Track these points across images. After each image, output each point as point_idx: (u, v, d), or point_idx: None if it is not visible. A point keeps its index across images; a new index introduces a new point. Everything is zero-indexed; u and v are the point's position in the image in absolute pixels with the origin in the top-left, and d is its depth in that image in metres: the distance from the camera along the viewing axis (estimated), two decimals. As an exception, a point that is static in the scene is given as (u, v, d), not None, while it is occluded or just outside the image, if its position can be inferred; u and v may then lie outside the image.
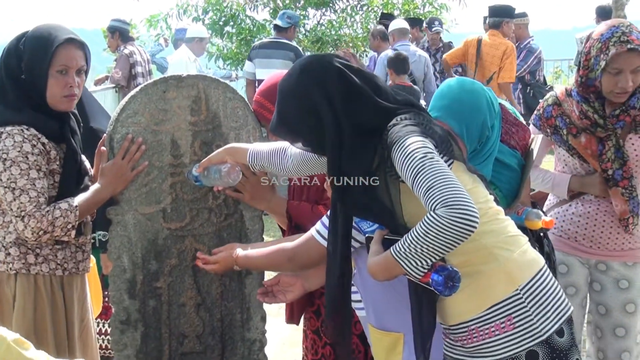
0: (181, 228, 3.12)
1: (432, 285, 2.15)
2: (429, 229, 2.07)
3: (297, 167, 2.78)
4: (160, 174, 3.09)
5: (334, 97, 2.37)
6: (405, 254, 2.14)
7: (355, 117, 2.36)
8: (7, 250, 2.95)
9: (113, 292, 3.12)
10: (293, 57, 8.77)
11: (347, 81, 2.39)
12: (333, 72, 2.40)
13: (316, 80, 2.40)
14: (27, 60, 2.92)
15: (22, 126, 2.88)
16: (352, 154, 2.34)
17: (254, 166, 2.88)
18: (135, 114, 3.05)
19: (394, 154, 2.23)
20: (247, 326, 3.20)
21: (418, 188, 2.13)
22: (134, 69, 9.05)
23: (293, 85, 2.44)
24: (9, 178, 2.83)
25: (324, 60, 2.45)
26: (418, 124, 2.30)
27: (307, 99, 2.39)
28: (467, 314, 2.32)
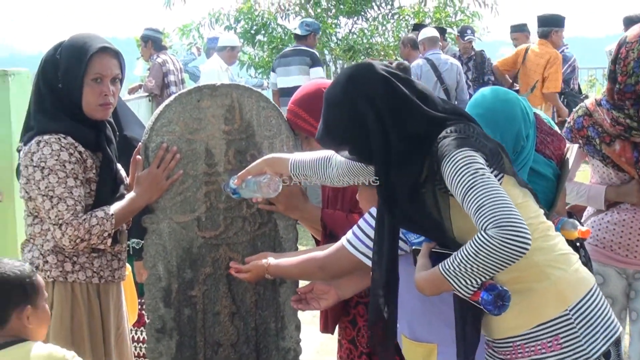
0: (215, 237, 3.13)
1: (482, 304, 2.14)
2: (480, 249, 2.04)
3: (341, 176, 2.74)
4: (194, 183, 3.11)
5: (380, 105, 2.33)
6: (455, 272, 2.11)
7: (403, 126, 2.32)
8: (45, 258, 2.97)
9: (148, 300, 3.13)
10: (309, 61, 8.86)
11: (393, 89, 2.35)
12: (379, 80, 2.36)
13: (362, 89, 2.36)
14: (63, 69, 2.95)
15: (60, 135, 2.91)
16: (400, 164, 2.30)
17: (297, 176, 2.85)
18: (170, 123, 3.07)
19: (444, 167, 2.19)
20: (282, 335, 3.20)
21: (468, 205, 2.10)
22: (167, 77, 9.13)
23: (339, 94, 2.40)
24: (47, 186, 2.86)
25: (369, 68, 2.41)
26: (468, 137, 2.25)
27: (353, 107, 2.36)
28: (514, 330, 2.30)
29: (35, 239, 3.00)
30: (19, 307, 2.53)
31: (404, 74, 3.73)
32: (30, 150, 2.89)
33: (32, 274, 2.59)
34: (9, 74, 4.94)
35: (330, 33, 13.71)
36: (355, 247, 2.61)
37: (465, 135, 2.26)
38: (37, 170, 2.87)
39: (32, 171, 2.88)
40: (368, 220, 2.61)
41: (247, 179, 2.91)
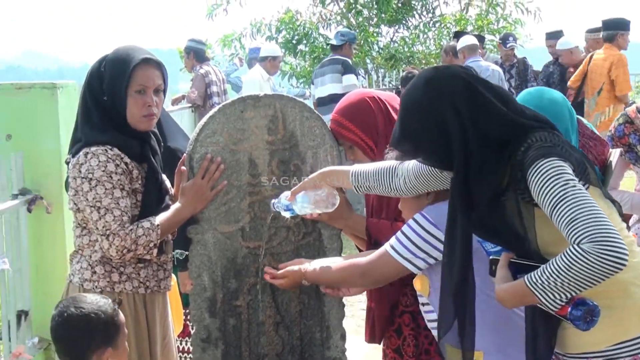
0: (260, 247, 3.14)
1: (569, 319, 2.09)
2: (573, 264, 1.99)
3: (410, 185, 2.68)
4: (238, 193, 3.13)
5: (461, 108, 2.27)
6: (543, 285, 2.06)
7: (484, 130, 2.26)
8: (93, 269, 3.01)
9: (194, 310, 3.15)
10: (341, 69, 8.88)
11: (474, 92, 2.30)
12: (459, 83, 2.31)
13: (442, 92, 2.31)
14: (108, 81, 2.98)
15: (106, 146, 2.94)
16: (481, 170, 2.24)
17: (359, 187, 2.80)
18: (214, 134, 3.10)
19: (531, 177, 2.13)
20: (327, 344, 3.20)
21: (559, 218, 2.05)
22: (209, 88, 9.17)
23: (418, 98, 2.34)
24: (95, 197, 2.90)
25: (449, 72, 2.37)
26: (555, 145, 2.19)
27: (433, 111, 2.30)
28: (593, 346, 2.24)
29: (83, 250, 3.04)
30: (100, 349, 2.58)
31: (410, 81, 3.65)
32: (78, 162, 2.94)
33: (115, 314, 2.63)
34: (57, 86, 5.02)
35: (372, 42, 13.72)
36: (399, 253, 2.61)
37: (552, 143, 2.20)
38: (85, 181, 2.91)
39: (80, 183, 2.92)
40: (412, 227, 2.61)
41: (301, 194, 2.89)
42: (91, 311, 2.58)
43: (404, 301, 3.08)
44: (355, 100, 3.13)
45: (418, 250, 2.59)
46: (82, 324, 2.58)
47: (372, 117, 3.08)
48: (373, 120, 3.08)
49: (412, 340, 3.06)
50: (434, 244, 2.57)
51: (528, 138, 2.21)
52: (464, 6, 14.49)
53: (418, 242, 2.58)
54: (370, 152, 3.05)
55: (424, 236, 2.58)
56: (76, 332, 2.59)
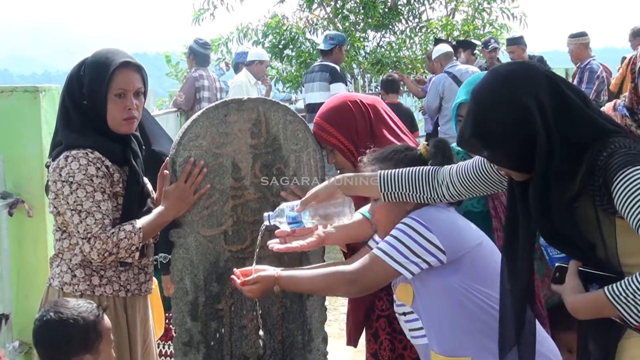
0: (242, 250, 3.14)
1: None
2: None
3: (453, 191, 2.58)
4: (221, 197, 3.12)
5: (545, 106, 2.12)
6: (627, 299, 1.98)
7: (567, 130, 2.13)
8: (73, 272, 3.00)
9: (175, 314, 3.14)
10: (328, 77, 8.82)
11: (558, 90, 2.16)
12: (543, 79, 2.17)
13: (526, 87, 2.15)
14: (87, 85, 2.97)
15: (87, 149, 2.93)
16: (561, 173, 2.11)
17: (389, 195, 2.64)
18: (197, 137, 3.09)
19: (617, 183, 2.02)
20: (309, 348, 3.19)
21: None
22: (199, 93, 9.01)
23: (498, 93, 2.17)
24: (75, 201, 2.89)
25: (531, 67, 2.23)
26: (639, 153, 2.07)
27: (516, 107, 2.13)
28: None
29: (63, 253, 3.03)
30: (78, 355, 2.55)
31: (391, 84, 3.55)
32: (58, 166, 2.92)
33: (97, 321, 2.59)
34: (40, 90, 5.00)
35: (359, 47, 13.72)
36: (392, 258, 2.54)
37: (637, 151, 2.08)
38: (65, 185, 2.90)
39: (61, 186, 2.91)
40: (405, 231, 2.55)
41: (312, 204, 2.75)
42: (70, 317, 2.56)
43: (379, 305, 3.09)
44: (337, 104, 3.14)
45: (412, 254, 2.52)
46: (60, 329, 2.56)
47: (353, 121, 3.09)
48: (354, 124, 3.09)
49: (388, 344, 3.06)
50: (428, 248, 2.52)
51: (610, 143, 2.10)
52: (450, 11, 14.52)
53: (412, 246, 2.52)
54: (351, 156, 3.05)
55: (419, 240, 2.53)
56: (54, 337, 2.57)
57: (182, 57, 13.95)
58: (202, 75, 9.16)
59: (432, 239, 2.52)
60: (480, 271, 2.54)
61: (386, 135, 3.10)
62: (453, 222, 2.62)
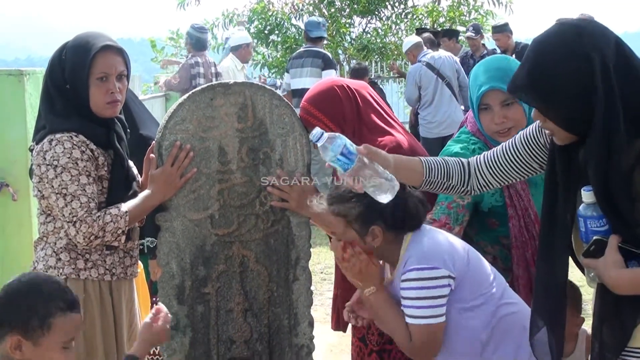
0: (229, 234, 3.14)
1: None
2: None
3: (483, 182, 2.58)
4: (208, 181, 3.12)
5: (610, 65, 2.04)
6: None
7: (628, 95, 2.05)
8: (58, 256, 2.99)
9: (162, 297, 3.14)
10: (321, 64, 8.86)
11: (624, 51, 2.09)
12: (612, 41, 2.09)
13: (594, 42, 2.07)
14: (69, 70, 2.96)
15: (71, 133, 2.92)
16: (620, 137, 2.04)
17: (429, 184, 2.61)
18: (183, 121, 3.08)
19: None
20: (295, 332, 3.20)
21: None
22: (195, 80, 8.96)
23: (565, 42, 2.10)
24: (60, 184, 2.88)
25: (602, 27, 2.14)
26: None
27: (581, 58, 2.06)
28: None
29: (48, 237, 3.02)
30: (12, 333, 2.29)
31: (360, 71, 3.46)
32: (42, 149, 2.91)
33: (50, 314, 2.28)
34: (24, 73, 4.97)
35: (344, 32, 13.72)
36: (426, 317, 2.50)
37: None
38: (50, 168, 2.88)
39: (45, 170, 2.89)
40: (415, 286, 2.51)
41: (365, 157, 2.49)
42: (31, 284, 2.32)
43: (368, 290, 3.09)
44: (324, 89, 3.14)
45: (434, 300, 2.49)
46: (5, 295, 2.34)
47: (340, 106, 3.09)
48: (340, 109, 3.09)
49: (376, 329, 3.07)
50: (441, 284, 2.49)
51: None
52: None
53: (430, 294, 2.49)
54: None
55: (431, 285, 2.49)
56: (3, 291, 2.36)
57: (166, 42, 13.90)
58: (198, 62, 9.10)
59: (442, 273, 2.50)
60: (477, 277, 2.57)
61: (374, 120, 3.10)
62: (440, 242, 2.59)
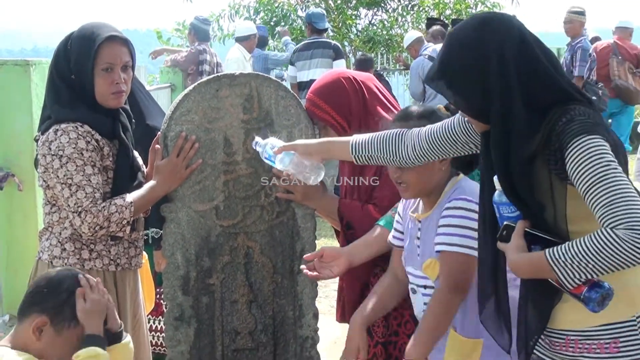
0: (234, 225, 3.14)
1: (582, 299, 2.07)
2: (604, 248, 1.95)
3: (420, 152, 2.58)
4: (213, 172, 3.11)
5: (509, 60, 2.15)
6: (565, 263, 2.02)
7: (530, 89, 2.15)
8: (63, 246, 2.99)
9: (167, 288, 3.14)
10: (332, 54, 8.89)
11: (527, 47, 2.18)
12: (515, 34, 2.18)
13: (494, 37, 2.17)
14: (74, 60, 2.96)
15: (77, 123, 2.92)
16: (521, 128, 2.15)
17: (359, 157, 2.71)
18: (189, 112, 3.08)
19: (570, 151, 2.05)
20: (299, 323, 3.20)
21: (594, 198, 1.99)
22: (202, 66, 9.19)
23: (468, 36, 2.21)
24: (65, 174, 2.88)
25: (508, 19, 2.24)
26: (598, 125, 2.10)
27: (479, 53, 2.17)
28: (575, 324, 2.21)
29: (53, 227, 3.02)
30: (38, 314, 2.46)
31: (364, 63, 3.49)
32: (47, 139, 2.91)
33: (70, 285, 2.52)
34: (30, 64, 4.98)
35: (350, 24, 13.69)
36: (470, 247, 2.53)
37: (594, 121, 2.11)
38: (55, 158, 2.88)
39: (51, 160, 2.89)
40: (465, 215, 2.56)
41: (290, 153, 2.81)
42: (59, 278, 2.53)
43: (374, 282, 3.09)
44: (330, 81, 3.13)
45: (472, 232, 2.50)
46: (44, 282, 2.53)
47: (346, 98, 3.08)
48: (347, 101, 3.08)
49: (382, 321, 3.07)
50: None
51: (570, 110, 2.12)
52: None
53: (475, 225, 2.48)
54: (343, 132, 3.04)
55: (474, 217, 2.50)
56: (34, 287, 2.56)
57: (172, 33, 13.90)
58: (205, 50, 9.32)
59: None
60: None
61: (380, 112, 3.09)
62: None
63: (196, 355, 3.17)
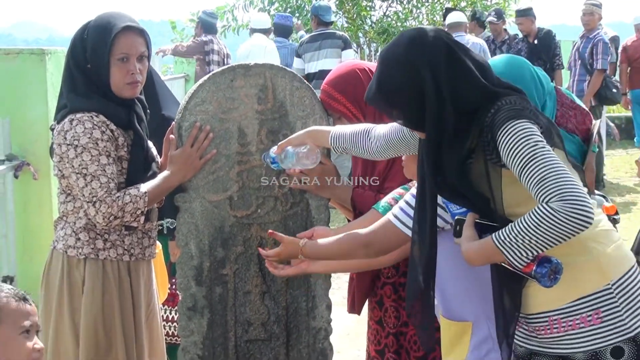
0: (247, 216, 3.14)
1: (534, 277, 2.13)
2: (541, 222, 2.03)
3: (380, 149, 2.72)
4: (227, 162, 3.11)
5: (440, 74, 2.26)
6: (511, 243, 2.10)
7: (459, 98, 2.26)
8: (77, 236, 3.00)
9: (180, 278, 3.15)
10: (341, 44, 8.90)
11: (454, 59, 2.29)
12: (442, 48, 2.29)
13: (424, 54, 2.29)
14: (90, 49, 2.96)
15: (92, 113, 2.92)
16: (452, 136, 2.26)
17: (336, 149, 2.83)
18: (203, 102, 3.08)
19: (500, 138, 2.16)
20: (313, 314, 3.20)
21: (528, 177, 2.09)
22: (209, 56, 9.45)
23: (399, 55, 2.32)
24: (81, 164, 2.88)
25: (433, 34, 2.34)
26: (524, 109, 2.22)
27: (412, 71, 2.28)
28: (551, 304, 2.27)
29: (68, 216, 3.03)
30: None
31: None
32: (63, 129, 2.92)
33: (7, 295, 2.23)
34: (46, 52, 4.99)
35: (365, 16, 13.64)
36: (402, 222, 2.59)
37: (521, 107, 2.22)
38: (70, 148, 2.89)
39: (66, 149, 2.90)
40: (415, 195, 2.56)
41: (286, 149, 2.89)
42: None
43: (385, 272, 3.09)
44: (345, 72, 3.12)
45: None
46: None
47: (361, 89, 3.06)
48: (362, 92, 3.05)
49: (393, 311, 3.07)
50: (440, 213, 2.53)
51: (497, 103, 2.24)
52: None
53: (414, 208, 2.52)
54: (358, 123, 3.04)
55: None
56: None
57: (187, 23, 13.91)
58: (212, 40, 9.59)
59: (444, 203, 2.52)
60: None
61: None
62: None
63: (209, 346, 3.17)
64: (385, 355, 3.12)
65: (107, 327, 3.00)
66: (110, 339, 3.00)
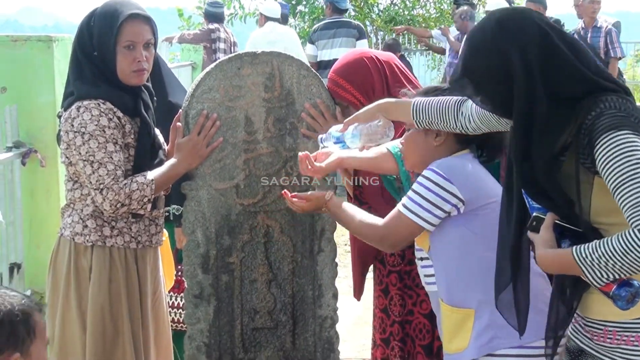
0: (254, 204, 3.14)
1: (612, 297, 2.06)
2: (632, 250, 1.94)
3: (473, 125, 2.55)
4: (234, 150, 3.11)
5: (531, 57, 2.13)
6: (592, 262, 2.01)
7: (554, 84, 2.12)
8: (85, 223, 3.00)
9: (187, 266, 3.16)
10: (356, 34, 8.86)
11: (548, 44, 2.15)
12: (535, 32, 2.16)
13: (514, 38, 2.15)
14: (97, 37, 2.96)
15: (99, 100, 2.92)
16: (546, 125, 2.12)
17: (420, 122, 2.65)
18: (210, 90, 3.07)
19: (599, 147, 2.02)
20: (319, 303, 3.21)
21: (623, 197, 1.97)
22: (216, 44, 9.41)
23: (487, 40, 2.19)
24: (88, 151, 2.88)
25: (524, 16, 2.21)
26: (629, 115, 2.05)
27: (502, 57, 2.16)
28: (612, 316, 2.19)
29: (75, 203, 3.03)
30: (4, 354, 2.06)
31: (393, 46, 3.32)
32: (70, 116, 2.92)
33: (29, 313, 2.10)
34: (53, 40, 4.99)
35: (372, 4, 13.60)
36: (411, 211, 2.55)
37: (626, 113, 2.06)
38: (77, 135, 2.89)
39: (73, 136, 2.90)
40: (423, 183, 2.55)
41: (355, 126, 2.79)
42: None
43: (391, 261, 3.09)
44: (353, 60, 3.12)
45: (433, 207, 2.52)
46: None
47: (369, 77, 3.07)
48: (369, 80, 3.07)
49: (398, 299, 3.08)
50: (447, 198, 2.52)
51: (600, 102, 2.09)
52: (466, -31, 14.34)
53: (432, 198, 2.52)
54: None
55: (438, 192, 2.52)
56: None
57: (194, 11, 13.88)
58: (218, 29, 9.52)
59: (452, 189, 2.51)
60: (494, 227, 2.54)
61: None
62: (474, 172, 2.61)
63: (215, 333, 3.18)
64: (391, 344, 3.13)
65: (114, 314, 3.00)
66: (117, 326, 3.01)
